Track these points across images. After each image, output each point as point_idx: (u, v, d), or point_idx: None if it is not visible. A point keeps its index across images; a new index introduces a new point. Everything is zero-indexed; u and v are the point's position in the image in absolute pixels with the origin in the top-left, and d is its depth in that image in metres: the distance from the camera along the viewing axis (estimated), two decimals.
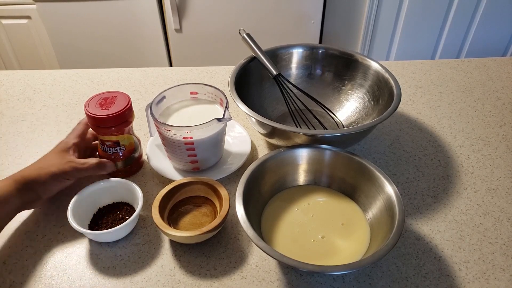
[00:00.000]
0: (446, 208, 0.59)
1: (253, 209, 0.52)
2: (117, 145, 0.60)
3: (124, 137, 0.60)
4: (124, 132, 0.60)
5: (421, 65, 0.93)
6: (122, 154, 0.61)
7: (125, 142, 0.61)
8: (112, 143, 0.59)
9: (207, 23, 1.54)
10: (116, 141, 0.59)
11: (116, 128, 0.58)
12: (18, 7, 1.58)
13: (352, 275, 0.50)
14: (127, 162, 0.62)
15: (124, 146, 0.61)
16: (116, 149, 0.60)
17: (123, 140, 0.60)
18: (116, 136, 0.59)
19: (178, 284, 0.50)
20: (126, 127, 0.60)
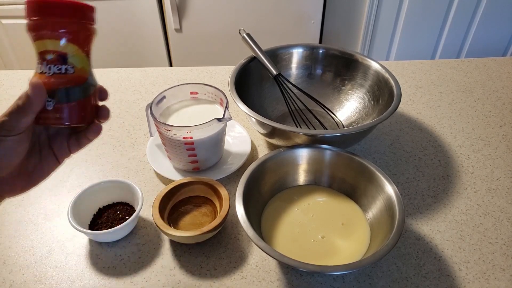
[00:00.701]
0: (446, 208, 0.59)
1: (253, 209, 0.52)
2: (63, 61, 0.37)
3: (76, 50, 0.38)
4: (78, 41, 0.38)
5: (421, 65, 0.93)
6: (68, 78, 0.38)
7: (76, 61, 0.38)
8: (56, 55, 0.37)
9: (207, 23, 1.54)
10: (63, 52, 0.37)
11: (67, 24, 0.37)
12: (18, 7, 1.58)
13: (352, 275, 0.50)
14: (72, 95, 0.38)
15: (73, 67, 0.38)
16: (60, 67, 0.37)
17: (73, 53, 0.37)
18: (65, 42, 0.37)
19: (178, 284, 0.50)
20: (83, 34, 0.38)
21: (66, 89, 0.37)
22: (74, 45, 0.37)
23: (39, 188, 0.63)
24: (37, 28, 0.36)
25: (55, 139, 0.41)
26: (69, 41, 0.37)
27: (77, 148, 0.42)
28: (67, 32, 0.37)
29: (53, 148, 0.41)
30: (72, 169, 0.66)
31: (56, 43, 0.37)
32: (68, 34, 0.37)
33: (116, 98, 0.83)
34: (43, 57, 0.37)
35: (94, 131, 0.41)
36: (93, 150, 0.70)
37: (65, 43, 0.37)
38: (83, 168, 0.66)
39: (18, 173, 0.38)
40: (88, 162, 0.67)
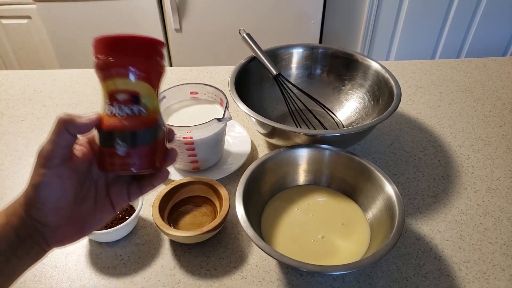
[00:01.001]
0: (446, 208, 0.59)
1: (253, 209, 0.52)
2: (136, 102, 0.34)
3: (148, 89, 0.35)
4: (151, 79, 0.35)
5: (421, 65, 0.93)
6: (141, 120, 0.34)
7: (149, 101, 0.35)
8: (129, 95, 0.34)
9: (207, 23, 1.53)
10: (135, 92, 0.34)
11: (141, 62, 0.34)
12: (18, 7, 1.58)
13: (352, 275, 0.50)
14: (145, 138, 0.35)
15: (146, 107, 0.34)
16: (132, 108, 0.34)
17: (146, 93, 0.35)
18: (139, 82, 0.34)
19: (178, 284, 0.50)
20: (156, 72, 0.35)
21: (139, 132, 0.34)
22: (147, 83, 0.34)
23: None
24: (108, 67, 0.34)
25: (114, 186, 0.37)
26: (143, 79, 0.34)
27: (138, 195, 0.38)
28: (141, 70, 0.34)
29: (111, 195, 0.37)
30: None
31: (129, 82, 0.34)
32: (142, 72, 0.34)
33: None
34: (114, 98, 0.34)
35: (161, 177, 0.37)
36: None
37: (139, 82, 0.34)
38: None
39: (69, 221, 0.35)
40: None
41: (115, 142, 0.34)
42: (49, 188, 0.33)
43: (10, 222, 0.33)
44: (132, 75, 0.34)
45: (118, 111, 0.34)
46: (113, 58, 0.33)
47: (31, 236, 0.34)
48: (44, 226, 0.34)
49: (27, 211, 0.33)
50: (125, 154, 0.34)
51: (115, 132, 0.34)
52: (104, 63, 0.33)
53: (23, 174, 0.65)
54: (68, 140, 0.33)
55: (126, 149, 0.34)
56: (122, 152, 0.34)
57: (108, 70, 0.34)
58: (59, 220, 0.34)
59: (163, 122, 0.37)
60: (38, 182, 0.32)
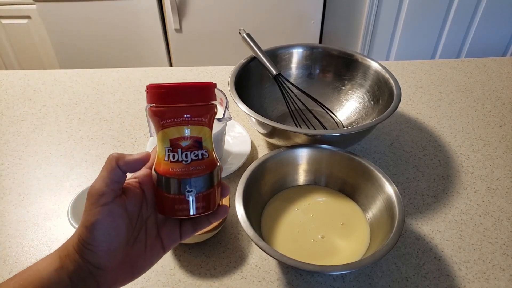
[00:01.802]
0: (446, 208, 0.59)
1: (253, 209, 0.52)
2: (199, 147, 0.35)
3: (208, 133, 0.36)
4: (210, 122, 0.36)
5: (421, 65, 0.93)
6: (205, 164, 0.35)
7: (208, 144, 0.36)
8: (193, 141, 0.34)
9: (207, 23, 1.53)
10: (199, 138, 0.35)
11: (201, 110, 0.35)
12: (18, 7, 1.58)
13: (352, 275, 0.50)
14: (210, 181, 0.36)
15: (207, 150, 0.36)
16: (197, 153, 0.35)
17: (206, 137, 0.35)
18: (200, 127, 0.35)
19: (178, 284, 0.50)
20: (212, 114, 0.36)
21: (205, 176, 0.35)
22: (207, 127, 0.35)
23: (39, 188, 0.63)
24: (169, 115, 0.33)
25: (164, 226, 0.37)
26: (204, 124, 0.35)
27: (192, 233, 0.38)
28: (201, 116, 0.34)
29: (161, 236, 0.36)
30: (72, 169, 0.66)
31: (194, 128, 0.34)
32: (202, 118, 0.34)
33: (116, 98, 0.83)
34: (177, 144, 0.34)
35: (220, 213, 0.37)
36: (93, 150, 0.70)
37: (200, 128, 0.34)
38: (83, 168, 0.66)
39: (121, 263, 0.34)
40: (88, 162, 0.67)
41: (183, 188, 0.34)
42: (103, 227, 0.32)
43: (65, 266, 0.33)
44: (197, 122, 0.34)
45: (183, 157, 0.34)
46: (174, 107, 0.33)
47: (84, 280, 0.33)
48: (98, 269, 0.33)
49: (81, 254, 0.32)
50: (192, 199, 0.34)
51: (181, 178, 0.34)
52: (164, 112, 0.33)
53: (23, 174, 0.65)
54: (119, 176, 0.33)
55: (194, 194, 0.34)
56: (190, 197, 0.34)
57: (168, 119, 0.33)
58: (112, 262, 0.33)
59: (219, 161, 0.38)
60: (92, 221, 0.32)
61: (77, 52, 1.61)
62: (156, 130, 0.35)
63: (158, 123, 0.34)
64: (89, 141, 0.72)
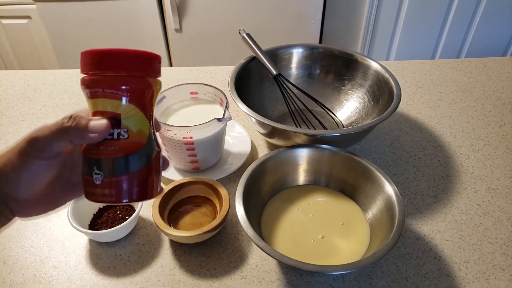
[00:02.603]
0: (446, 208, 0.59)
1: (253, 209, 0.52)
2: (114, 124, 0.31)
3: (133, 110, 0.31)
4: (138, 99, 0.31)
5: (421, 65, 0.93)
6: (119, 146, 0.31)
7: (133, 126, 0.31)
8: (108, 117, 0.31)
9: (207, 23, 1.53)
10: (114, 114, 0.31)
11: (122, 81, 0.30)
12: (18, 7, 1.58)
13: (352, 275, 0.50)
14: (119, 167, 0.31)
15: (128, 131, 0.31)
16: (112, 132, 0.31)
17: (129, 115, 0.31)
18: (118, 102, 0.31)
19: (178, 284, 0.50)
20: (147, 91, 0.32)
21: (116, 159, 0.31)
22: (132, 104, 0.30)
23: None
24: (87, 84, 0.30)
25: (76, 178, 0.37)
26: (121, 99, 0.30)
27: None
28: (122, 90, 0.30)
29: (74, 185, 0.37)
30: None
31: (107, 102, 0.30)
32: (122, 92, 0.30)
33: None
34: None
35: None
36: None
37: (118, 103, 0.30)
38: None
39: (40, 199, 0.34)
40: None
41: (92, 169, 0.31)
42: (30, 174, 0.32)
43: None
44: (115, 96, 0.30)
45: None
46: (92, 75, 0.30)
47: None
48: (12, 200, 0.33)
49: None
50: (101, 183, 0.30)
51: (91, 158, 0.31)
52: (83, 80, 0.31)
53: None
54: (66, 144, 0.32)
55: (102, 178, 0.30)
56: (98, 180, 0.30)
57: (87, 88, 0.31)
58: (30, 197, 0.33)
59: (153, 147, 0.32)
60: (20, 167, 0.31)
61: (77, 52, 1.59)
62: None
63: (84, 93, 0.31)
64: None
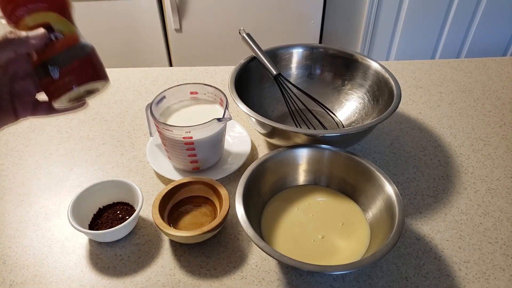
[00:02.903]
0: (446, 208, 0.59)
1: (253, 209, 0.52)
2: (50, 30, 0.39)
3: (57, 18, 0.40)
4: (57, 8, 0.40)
5: (421, 65, 0.93)
6: (60, 43, 0.40)
7: (63, 28, 0.40)
8: (42, 26, 0.39)
9: (207, 23, 1.54)
10: (45, 23, 0.39)
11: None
12: None
13: (352, 275, 0.50)
14: (68, 58, 0.40)
15: (62, 33, 0.40)
16: (50, 36, 0.39)
17: (56, 21, 0.40)
18: (44, 13, 0.39)
19: (178, 284, 0.50)
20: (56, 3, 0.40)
21: (62, 52, 0.39)
22: (55, 13, 0.39)
23: (39, 188, 0.63)
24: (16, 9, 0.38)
25: (19, 97, 0.42)
26: (47, 10, 0.38)
27: (45, 114, 0.44)
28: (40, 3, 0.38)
29: (15, 103, 0.42)
30: (72, 169, 0.66)
31: (38, 16, 0.38)
32: (42, 4, 0.38)
33: (116, 98, 0.83)
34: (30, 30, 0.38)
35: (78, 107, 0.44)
36: (93, 150, 0.70)
37: (44, 14, 0.38)
38: (83, 168, 0.66)
39: None
40: (88, 162, 0.67)
41: (48, 68, 0.39)
42: None
43: None
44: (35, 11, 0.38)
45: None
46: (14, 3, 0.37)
47: None
48: None
49: None
50: (60, 75, 0.39)
51: (45, 61, 0.39)
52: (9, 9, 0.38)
53: (23, 174, 0.65)
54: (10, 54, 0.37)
55: (58, 70, 0.39)
56: (57, 74, 0.39)
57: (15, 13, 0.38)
58: None
59: (88, 43, 0.43)
60: None
61: None
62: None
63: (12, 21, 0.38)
64: (89, 141, 0.72)
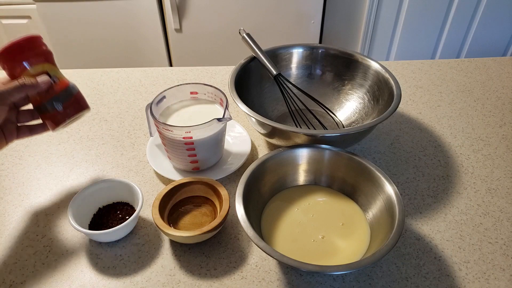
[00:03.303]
0: (446, 208, 0.59)
1: (253, 209, 0.52)
2: (50, 76, 0.53)
3: (51, 67, 0.53)
4: (49, 61, 0.54)
5: (421, 65, 0.93)
6: (59, 85, 0.54)
7: (56, 73, 0.54)
8: (45, 74, 0.53)
9: (207, 23, 1.54)
10: (44, 71, 0.52)
11: (37, 53, 0.52)
12: (18, 7, 1.58)
13: (352, 275, 0.50)
14: (66, 95, 0.54)
15: (57, 77, 0.54)
16: (50, 81, 0.53)
17: (51, 70, 0.53)
18: (42, 65, 0.52)
19: (178, 284, 0.50)
20: (48, 56, 0.54)
21: (62, 92, 0.54)
22: (50, 64, 0.54)
23: (39, 188, 0.63)
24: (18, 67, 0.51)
25: (5, 126, 0.53)
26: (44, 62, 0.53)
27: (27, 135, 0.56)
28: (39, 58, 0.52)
29: (4, 132, 0.53)
30: (72, 169, 0.66)
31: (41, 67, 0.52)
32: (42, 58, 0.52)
33: (116, 98, 0.83)
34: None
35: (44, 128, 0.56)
36: (93, 150, 0.70)
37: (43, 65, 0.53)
38: (83, 168, 0.66)
39: None
40: (88, 162, 0.67)
41: (53, 104, 0.53)
42: None
43: None
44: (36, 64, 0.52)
45: None
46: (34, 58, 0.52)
47: None
48: None
49: None
50: (63, 108, 0.54)
51: (50, 98, 0.53)
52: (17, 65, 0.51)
53: (23, 174, 0.65)
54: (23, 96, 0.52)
55: (61, 104, 0.53)
56: (60, 107, 0.53)
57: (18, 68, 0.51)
58: None
59: (74, 85, 0.56)
60: None
61: (77, 52, 1.61)
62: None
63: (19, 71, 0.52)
64: (89, 141, 0.72)
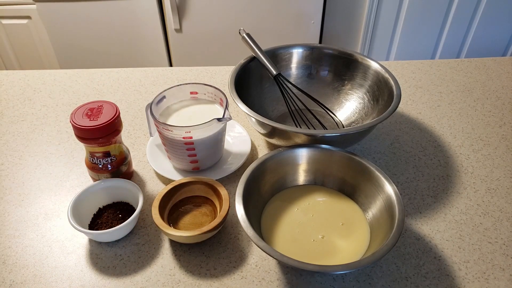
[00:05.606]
0: (446, 208, 0.59)
1: (253, 209, 0.52)
2: (107, 156, 0.58)
3: (115, 147, 0.58)
4: (114, 142, 0.58)
5: (421, 65, 0.93)
6: (112, 165, 0.59)
7: (116, 152, 0.59)
8: (102, 154, 0.57)
9: (207, 23, 1.54)
10: (106, 151, 0.57)
11: (105, 138, 0.56)
12: (18, 7, 1.58)
13: (352, 275, 0.50)
14: (116, 174, 0.60)
15: (115, 156, 0.59)
16: (107, 159, 0.58)
17: (113, 150, 0.58)
18: (106, 147, 0.57)
19: (178, 284, 0.50)
20: (116, 137, 0.57)
21: (116, 170, 0.60)
22: (113, 144, 0.58)
23: (39, 188, 0.63)
24: (84, 143, 0.56)
25: None
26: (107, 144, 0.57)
27: None
28: (105, 142, 0.56)
29: None
30: (72, 169, 0.66)
31: (100, 148, 0.57)
32: (105, 142, 0.57)
33: (116, 98, 0.83)
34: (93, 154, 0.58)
35: None
36: None
37: (105, 147, 0.57)
38: (83, 168, 0.66)
39: None
40: None
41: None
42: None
43: None
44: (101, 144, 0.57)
45: (96, 161, 0.59)
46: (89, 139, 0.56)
47: None
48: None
49: None
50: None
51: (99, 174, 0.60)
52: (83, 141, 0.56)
53: (23, 174, 0.65)
54: None
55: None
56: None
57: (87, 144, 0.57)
58: None
59: (127, 154, 0.62)
60: None
61: (77, 52, 1.61)
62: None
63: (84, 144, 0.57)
64: None
